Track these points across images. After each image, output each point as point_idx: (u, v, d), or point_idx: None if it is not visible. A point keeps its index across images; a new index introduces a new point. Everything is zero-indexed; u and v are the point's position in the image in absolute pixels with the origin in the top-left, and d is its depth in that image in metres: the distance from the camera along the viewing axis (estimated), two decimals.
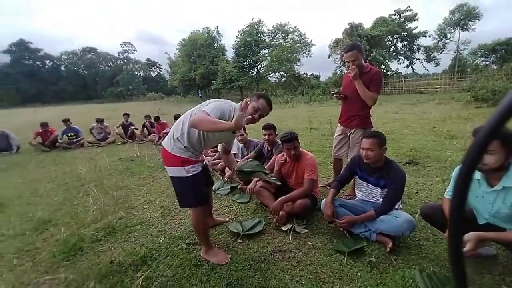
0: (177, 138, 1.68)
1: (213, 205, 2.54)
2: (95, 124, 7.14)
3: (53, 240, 2.25)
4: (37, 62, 58.83)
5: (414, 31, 28.27)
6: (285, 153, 2.51)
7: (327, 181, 3.22)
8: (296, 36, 30.64)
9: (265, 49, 29.57)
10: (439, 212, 1.65)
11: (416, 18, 27.85)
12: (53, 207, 2.95)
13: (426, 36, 28.99)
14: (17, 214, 2.80)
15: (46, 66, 60.53)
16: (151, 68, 70.13)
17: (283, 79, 31.20)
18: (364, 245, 1.83)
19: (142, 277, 1.67)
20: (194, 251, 1.97)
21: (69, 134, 6.91)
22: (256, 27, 29.52)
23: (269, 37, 30.35)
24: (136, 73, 60.72)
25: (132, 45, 64.04)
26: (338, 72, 27.00)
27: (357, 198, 2.23)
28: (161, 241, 2.14)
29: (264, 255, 1.87)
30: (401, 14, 28.01)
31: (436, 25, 30.47)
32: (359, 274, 1.62)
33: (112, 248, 2.09)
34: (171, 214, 2.65)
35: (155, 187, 3.45)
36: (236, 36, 30.26)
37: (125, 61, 62.18)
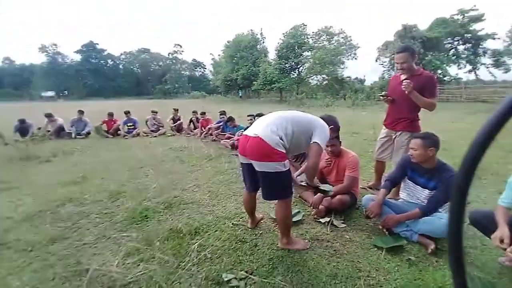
0: (280, 136, 1.73)
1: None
2: (150, 116, 7.99)
3: (124, 208, 2.70)
4: (101, 61, 66.81)
5: (479, 33, 25.20)
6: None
7: (367, 184, 3.21)
8: (342, 38, 29.73)
9: (308, 51, 29.25)
10: (490, 219, 1.62)
11: (482, 18, 24.80)
12: (121, 182, 3.49)
13: (494, 39, 25.61)
14: (95, 186, 3.39)
15: (108, 65, 68.32)
16: (196, 68, 74.50)
17: (324, 82, 30.51)
18: (404, 243, 1.86)
19: (197, 243, 1.96)
20: (239, 230, 2.21)
21: (129, 124, 7.86)
22: (300, 29, 29.41)
23: (313, 39, 29.95)
24: (182, 72, 65.17)
25: (180, 46, 68.72)
26: (386, 76, 25.41)
27: (400, 199, 2.23)
28: (210, 218, 2.44)
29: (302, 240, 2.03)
30: (465, 15, 25.22)
31: (506, 27, 26.74)
32: (396, 268, 1.68)
33: (170, 219, 2.45)
34: (217, 198, 2.95)
35: (202, 174, 3.83)
36: (280, 38, 30.51)
37: (174, 61, 67.00)
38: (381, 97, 2.80)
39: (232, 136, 5.91)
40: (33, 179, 3.73)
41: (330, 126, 2.02)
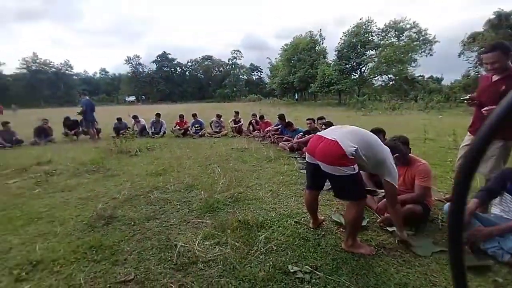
0: (355, 148, 1.77)
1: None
2: (214, 118, 8.77)
3: (198, 198, 3.11)
4: (171, 69, 75.66)
5: None
6: None
7: (444, 195, 2.90)
8: (414, 33, 26.63)
9: (372, 50, 27.21)
10: None
11: None
12: (193, 176, 4.00)
13: None
14: (174, 178, 3.97)
15: (177, 72, 76.87)
16: (253, 72, 77.43)
17: (390, 83, 27.84)
18: (490, 263, 1.67)
19: (263, 236, 2.15)
20: (301, 228, 2.32)
21: (196, 126, 8.79)
22: (364, 26, 27.58)
23: (378, 37, 27.71)
24: (240, 76, 68.59)
25: (240, 52, 72.50)
26: (473, 74, 21.61)
27: (492, 214, 1.98)
28: (273, 215, 2.61)
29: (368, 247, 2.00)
30: None
31: None
32: None
33: (238, 211, 2.72)
34: (278, 197, 3.12)
35: (263, 174, 4.06)
36: (340, 38, 29.24)
37: (233, 66, 71.10)
38: (465, 101, 2.50)
39: (290, 139, 6.03)
40: (128, 169, 4.59)
41: (395, 155, 2.04)
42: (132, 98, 65.80)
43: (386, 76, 27.51)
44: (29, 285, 1.73)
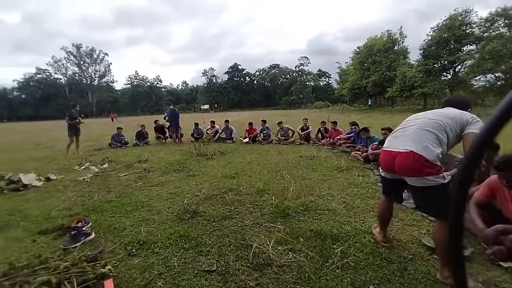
0: (436, 146, 1.64)
1: (401, 216, 2.53)
2: (283, 125, 8.90)
3: (269, 203, 3.21)
4: (241, 79, 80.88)
5: None
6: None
7: None
8: None
9: (471, 45, 22.72)
10: None
11: None
12: (264, 181, 4.15)
13: None
14: (245, 181, 4.21)
15: (246, 81, 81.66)
16: (320, 78, 75.40)
17: (498, 83, 22.55)
18: None
19: (339, 249, 2.05)
20: (382, 248, 2.10)
21: (264, 132, 9.11)
22: (460, 18, 23.33)
23: (480, 28, 22.95)
24: (307, 83, 67.69)
25: (307, 58, 71.81)
26: None
27: None
28: (348, 228, 2.46)
29: (473, 282, 1.66)
30: None
31: None
32: None
33: (309, 221, 2.68)
34: (353, 210, 2.92)
35: (334, 184, 3.88)
36: (427, 35, 25.50)
37: (300, 73, 70.83)
38: None
39: (364, 148, 5.58)
40: (206, 171, 5.11)
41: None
42: (206, 106, 73.16)
43: (492, 75, 22.38)
44: (138, 260, 2.13)
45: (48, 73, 71.99)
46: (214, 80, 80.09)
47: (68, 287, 1.66)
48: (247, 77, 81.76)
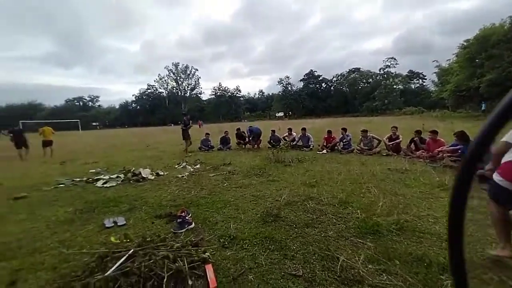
0: None
1: None
2: (368, 134, 8.19)
3: (354, 216, 3.02)
4: (316, 85, 78.97)
5: None
6: None
7: None
8: None
9: None
10: None
11: None
12: (346, 193, 3.92)
13: None
14: (326, 191, 4.09)
15: (322, 88, 79.19)
16: (411, 80, 65.67)
17: None
18: None
19: (448, 282, 1.74)
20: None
21: (344, 141, 8.60)
22: None
23: None
24: (394, 86, 60.11)
25: (395, 59, 63.89)
26: None
27: None
28: None
29: None
30: None
31: None
32: None
33: (405, 242, 2.37)
34: (467, 238, 2.41)
35: (436, 204, 3.31)
36: None
37: (385, 76, 63.65)
38: None
39: None
40: (284, 177, 5.22)
41: None
42: (281, 113, 74.67)
43: None
44: (230, 252, 2.37)
45: (154, 88, 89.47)
46: (290, 88, 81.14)
47: (181, 264, 2.01)
48: (323, 83, 79.38)
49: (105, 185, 5.21)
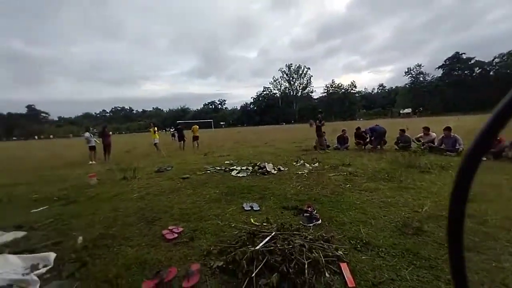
0: None
1: None
2: None
3: None
4: (464, 72, 60.73)
5: None
6: None
7: None
8: None
9: None
10: None
11: None
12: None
13: None
14: (490, 210, 3.11)
15: (474, 74, 60.16)
16: None
17: None
18: None
19: None
20: None
21: None
22: None
23: None
24: None
25: None
26: None
27: None
28: None
29: None
30: None
31: None
32: None
33: None
34: None
35: None
36: None
37: None
38: None
39: None
40: (422, 185, 4.40)
41: None
42: (408, 110, 62.95)
43: None
44: (365, 257, 2.26)
45: (269, 90, 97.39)
46: (422, 78, 67.05)
47: (316, 255, 2.12)
48: (475, 68, 60.23)
49: (238, 175, 6.21)
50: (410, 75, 69.35)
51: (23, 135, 78.91)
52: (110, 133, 11.55)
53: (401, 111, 64.55)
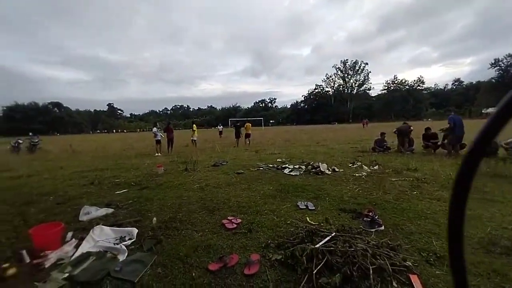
0: None
1: None
2: None
3: None
4: None
5: None
6: None
7: None
8: None
9: None
10: None
11: None
12: None
13: None
14: None
15: None
16: None
17: None
18: None
19: None
20: None
21: None
22: None
23: None
24: None
25: None
26: None
27: None
28: None
29: None
30: None
31: None
32: None
33: None
34: None
35: None
36: None
37: None
38: None
39: None
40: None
41: None
42: (493, 109, 52.70)
43: None
44: (439, 272, 2.04)
45: (321, 88, 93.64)
46: None
47: (382, 262, 2.00)
48: None
49: (290, 173, 6.21)
50: (498, 67, 57.77)
51: (105, 128, 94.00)
52: (174, 128, 12.86)
53: (483, 111, 54.29)
